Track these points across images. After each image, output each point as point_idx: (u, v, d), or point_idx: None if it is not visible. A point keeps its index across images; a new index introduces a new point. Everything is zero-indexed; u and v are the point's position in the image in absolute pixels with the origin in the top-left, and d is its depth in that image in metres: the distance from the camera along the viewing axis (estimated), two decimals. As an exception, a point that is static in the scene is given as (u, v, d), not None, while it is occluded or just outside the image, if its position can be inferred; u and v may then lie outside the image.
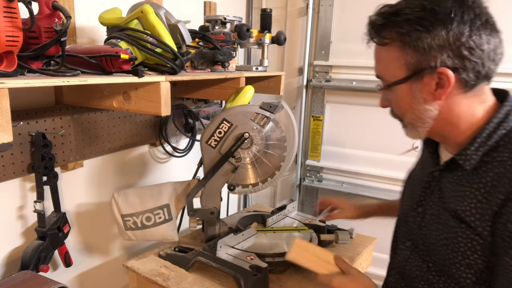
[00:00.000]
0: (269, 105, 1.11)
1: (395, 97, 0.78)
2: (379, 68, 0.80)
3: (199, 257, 1.14)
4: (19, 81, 0.68)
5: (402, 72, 0.74)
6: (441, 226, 0.78)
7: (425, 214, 0.83)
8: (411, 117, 0.78)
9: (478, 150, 0.73)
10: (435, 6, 0.68)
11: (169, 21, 1.08)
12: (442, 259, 0.78)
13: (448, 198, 0.77)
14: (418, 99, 0.75)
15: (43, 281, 0.95)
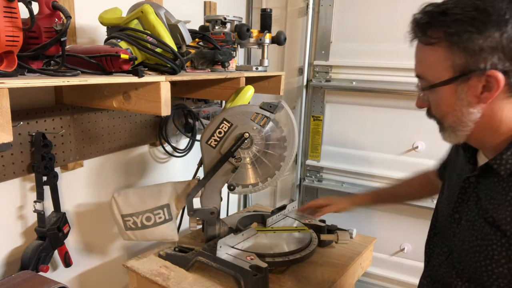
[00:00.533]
0: (269, 105, 1.11)
1: (437, 99, 0.75)
2: (421, 68, 0.76)
3: (199, 257, 1.14)
4: (19, 81, 0.68)
5: (448, 73, 0.71)
6: (475, 233, 0.76)
7: (461, 220, 0.81)
8: (452, 120, 0.75)
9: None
10: (488, 6, 0.66)
11: (169, 21, 1.08)
12: (474, 267, 0.76)
13: (484, 205, 0.75)
14: (462, 102, 0.72)
15: (43, 281, 0.95)
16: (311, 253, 1.22)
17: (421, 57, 0.76)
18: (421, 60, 0.76)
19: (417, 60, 0.77)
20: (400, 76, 1.71)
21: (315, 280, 1.16)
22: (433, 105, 0.77)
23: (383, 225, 1.89)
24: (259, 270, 1.06)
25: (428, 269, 0.91)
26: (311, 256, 1.22)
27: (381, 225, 1.90)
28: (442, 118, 0.77)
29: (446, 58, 0.70)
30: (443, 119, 0.77)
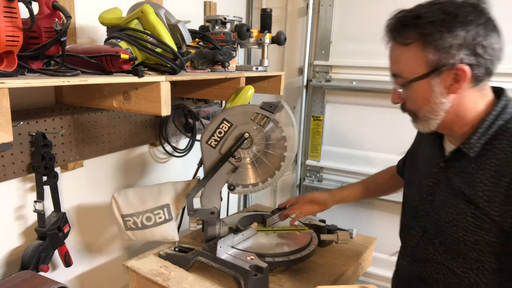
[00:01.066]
0: (269, 105, 1.11)
1: (414, 93, 0.85)
2: (398, 67, 0.86)
3: (199, 257, 1.14)
4: (19, 81, 0.68)
5: (423, 69, 0.81)
6: (450, 210, 0.88)
7: (434, 201, 0.93)
8: (427, 110, 0.85)
9: (480, 139, 0.83)
10: (455, 10, 0.77)
11: (169, 21, 1.08)
12: (450, 238, 0.88)
13: (456, 184, 0.87)
14: (435, 93, 0.83)
15: (43, 281, 0.95)
16: (311, 253, 1.22)
17: (397, 57, 0.85)
18: (397, 60, 0.85)
19: (393, 60, 0.87)
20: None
21: (315, 280, 1.16)
22: (409, 99, 0.87)
23: (383, 225, 1.89)
24: (259, 270, 1.06)
25: (406, 251, 1.02)
26: (311, 256, 1.22)
27: (381, 225, 1.90)
28: (418, 110, 0.87)
29: (421, 56, 0.81)
30: (418, 110, 0.87)
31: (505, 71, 1.49)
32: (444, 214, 0.89)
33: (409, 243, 1.01)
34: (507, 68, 1.49)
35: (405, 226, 1.04)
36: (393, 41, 0.85)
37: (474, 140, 0.84)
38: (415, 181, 1.02)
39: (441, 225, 0.90)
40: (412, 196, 1.02)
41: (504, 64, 0.85)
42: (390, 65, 0.88)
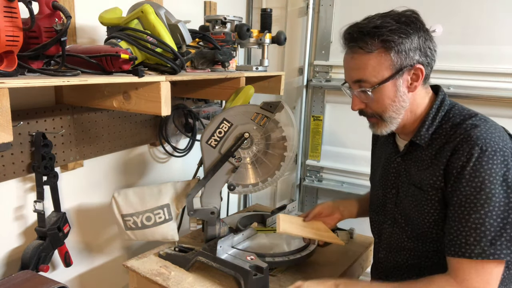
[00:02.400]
0: (269, 105, 1.11)
1: (381, 95, 0.93)
2: (363, 73, 0.92)
3: (199, 257, 1.14)
4: (19, 81, 0.68)
5: (388, 71, 0.91)
6: (411, 199, 1.00)
7: (398, 193, 1.05)
8: (392, 111, 0.95)
9: (428, 130, 0.96)
10: (405, 20, 0.91)
11: (169, 21, 1.08)
12: (416, 224, 1.00)
13: (413, 174, 1.00)
14: (400, 93, 0.93)
15: (43, 280, 0.95)
16: (311, 253, 1.22)
17: (362, 64, 0.92)
18: (362, 66, 0.92)
19: (356, 68, 0.93)
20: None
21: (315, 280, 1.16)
22: (375, 102, 0.95)
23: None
24: (259, 270, 1.06)
25: (382, 244, 1.12)
26: (311, 256, 1.22)
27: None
28: (384, 111, 0.95)
29: (385, 60, 0.90)
30: (384, 111, 0.95)
31: (505, 71, 1.50)
32: (408, 203, 1.01)
33: (383, 237, 1.11)
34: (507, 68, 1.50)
35: (376, 222, 1.15)
36: (357, 50, 0.92)
37: (423, 132, 0.96)
38: (377, 179, 1.13)
39: (408, 213, 1.01)
40: (377, 194, 1.13)
41: (504, 64, 0.87)
42: (351, 73, 0.95)
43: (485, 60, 1.54)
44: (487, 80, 1.53)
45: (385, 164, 1.10)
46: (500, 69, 1.51)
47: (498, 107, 1.53)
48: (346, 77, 0.99)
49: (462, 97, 1.56)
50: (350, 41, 0.94)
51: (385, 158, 1.12)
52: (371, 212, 1.18)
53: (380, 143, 1.18)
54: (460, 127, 0.92)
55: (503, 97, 1.51)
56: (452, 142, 0.90)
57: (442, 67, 1.59)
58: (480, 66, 1.55)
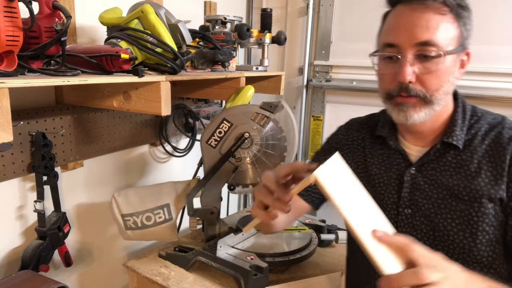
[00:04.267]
0: (269, 105, 1.11)
1: (442, 67, 0.75)
2: (433, 35, 0.74)
3: (199, 257, 1.14)
4: (20, 81, 0.68)
5: (455, 43, 0.76)
6: (451, 215, 0.79)
7: (417, 213, 0.84)
8: (443, 92, 0.77)
9: (462, 129, 0.81)
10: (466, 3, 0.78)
11: (170, 21, 1.08)
12: (459, 244, 0.79)
13: (450, 186, 0.80)
14: (454, 73, 0.78)
15: (43, 280, 0.95)
16: (311, 253, 1.22)
17: (433, 24, 0.74)
18: (433, 26, 0.74)
19: (425, 26, 0.74)
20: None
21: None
22: (433, 75, 0.75)
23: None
24: (259, 270, 1.06)
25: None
26: (311, 256, 1.22)
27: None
28: (437, 89, 0.76)
29: (455, 29, 0.76)
30: (437, 90, 0.76)
31: (505, 71, 1.50)
32: (444, 221, 0.81)
33: None
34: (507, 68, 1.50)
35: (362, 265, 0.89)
36: (428, 5, 0.74)
37: (458, 131, 0.81)
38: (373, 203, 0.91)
39: (446, 234, 0.81)
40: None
41: (504, 64, 0.85)
42: (415, 31, 0.74)
43: (485, 60, 1.54)
44: (487, 80, 1.53)
45: (388, 180, 0.89)
46: (500, 69, 1.51)
47: (498, 107, 1.53)
48: (400, 38, 0.76)
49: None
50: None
51: (385, 172, 0.90)
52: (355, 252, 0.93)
53: (361, 155, 0.94)
54: (502, 126, 0.80)
55: (503, 97, 1.50)
56: (505, 143, 0.78)
57: (442, 67, 1.58)
58: (480, 66, 1.55)
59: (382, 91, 0.82)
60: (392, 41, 0.77)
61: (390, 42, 0.77)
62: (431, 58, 0.74)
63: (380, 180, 0.89)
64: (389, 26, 0.79)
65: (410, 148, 0.87)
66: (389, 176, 0.88)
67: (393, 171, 0.88)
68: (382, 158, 0.90)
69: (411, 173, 0.85)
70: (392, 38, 0.77)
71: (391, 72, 0.78)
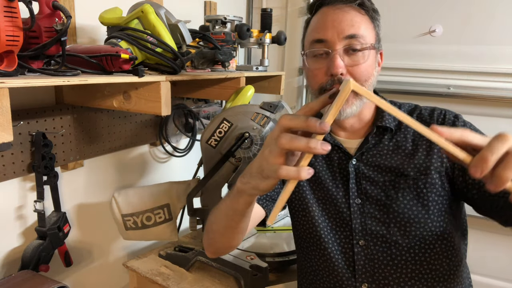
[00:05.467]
0: (269, 105, 1.11)
1: (368, 61, 0.81)
2: (357, 29, 0.80)
3: (199, 256, 1.14)
4: (20, 81, 0.68)
5: (374, 39, 0.84)
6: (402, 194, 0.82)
7: (366, 201, 0.85)
8: (371, 83, 0.84)
9: (389, 114, 0.85)
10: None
11: (170, 21, 1.08)
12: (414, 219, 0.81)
13: (394, 167, 0.84)
14: (376, 68, 0.86)
15: (43, 280, 0.95)
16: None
17: (356, 21, 0.81)
18: (357, 23, 0.81)
19: (350, 23, 0.81)
20: (399, 76, 1.71)
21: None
22: (360, 68, 0.81)
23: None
24: (259, 270, 1.06)
25: (359, 275, 0.85)
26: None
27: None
28: (365, 81, 0.82)
29: (372, 29, 0.84)
30: (365, 82, 0.82)
31: (505, 71, 1.50)
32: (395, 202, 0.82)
33: (359, 265, 0.85)
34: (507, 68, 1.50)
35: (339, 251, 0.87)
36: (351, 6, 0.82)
37: (387, 115, 0.87)
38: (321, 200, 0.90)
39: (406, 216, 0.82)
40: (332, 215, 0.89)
41: (504, 64, 0.86)
42: (342, 27, 0.80)
43: (485, 60, 1.54)
44: (487, 80, 1.54)
45: (333, 175, 0.90)
46: (500, 69, 1.51)
47: (498, 107, 1.53)
48: (329, 33, 0.80)
49: (462, 97, 1.56)
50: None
51: (328, 168, 0.91)
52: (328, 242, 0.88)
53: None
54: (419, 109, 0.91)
55: (503, 97, 1.51)
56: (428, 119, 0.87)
57: (442, 67, 1.59)
58: (480, 66, 1.55)
59: (315, 87, 0.84)
60: (321, 37, 0.81)
61: (319, 38, 0.82)
62: (358, 51, 0.80)
63: (326, 176, 0.91)
64: (315, 25, 0.84)
65: (345, 142, 0.91)
66: (333, 171, 0.90)
67: (336, 165, 0.90)
68: (323, 156, 0.92)
69: (353, 164, 0.88)
70: (321, 34, 0.81)
71: (322, 66, 0.82)
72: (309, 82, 0.88)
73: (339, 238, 0.88)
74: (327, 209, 0.90)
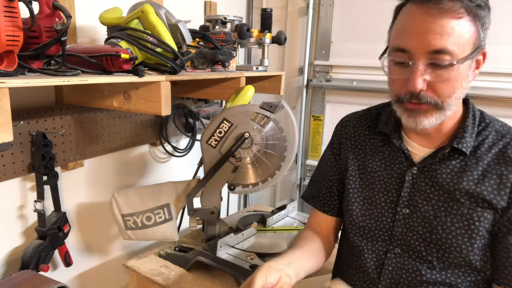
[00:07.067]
0: (269, 105, 1.11)
1: (455, 75, 0.71)
2: (445, 41, 0.69)
3: (199, 256, 1.14)
4: (20, 81, 0.68)
5: (470, 46, 0.71)
6: (451, 218, 0.79)
7: (414, 213, 0.83)
8: (456, 97, 0.74)
9: (471, 136, 0.80)
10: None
11: (170, 21, 1.08)
12: (453, 250, 0.78)
13: (452, 189, 0.79)
14: (468, 78, 0.75)
15: (43, 280, 0.95)
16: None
17: (447, 30, 0.69)
18: (448, 32, 0.69)
19: (439, 32, 0.69)
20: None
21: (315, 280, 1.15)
22: (445, 83, 0.72)
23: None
24: (259, 270, 1.06)
25: (384, 278, 0.85)
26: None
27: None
28: (449, 96, 0.73)
29: (471, 31, 0.70)
30: (449, 97, 0.73)
31: (505, 71, 1.50)
32: (442, 224, 0.79)
33: (386, 270, 0.86)
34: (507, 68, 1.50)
35: (374, 252, 0.88)
36: (444, 6, 0.68)
37: (467, 137, 0.79)
38: (371, 197, 0.89)
39: (438, 239, 0.80)
40: (376, 216, 0.88)
41: (504, 64, 0.84)
42: (427, 38, 0.69)
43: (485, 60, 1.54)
44: (487, 80, 1.53)
45: (388, 178, 0.87)
46: (500, 69, 1.51)
47: (498, 107, 1.53)
48: (411, 43, 0.71)
49: (462, 97, 1.56)
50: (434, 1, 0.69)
51: (385, 170, 0.88)
52: (362, 240, 0.90)
53: (361, 151, 0.92)
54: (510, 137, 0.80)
55: (503, 97, 1.51)
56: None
57: (442, 67, 1.58)
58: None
59: (392, 94, 0.79)
60: (404, 46, 0.73)
61: (401, 47, 0.73)
62: (444, 67, 0.71)
63: (380, 178, 0.88)
64: (400, 29, 0.75)
65: (414, 147, 0.85)
66: (390, 174, 0.86)
67: (394, 169, 0.86)
68: (383, 156, 0.88)
69: (413, 173, 0.84)
70: (404, 43, 0.72)
71: (402, 77, 0.75)
72: (388, 86, 0.82)
73: (376, 241, 0.88)
74: (371, 210, 0.88)
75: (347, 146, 0.96)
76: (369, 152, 0.91)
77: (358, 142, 0.94)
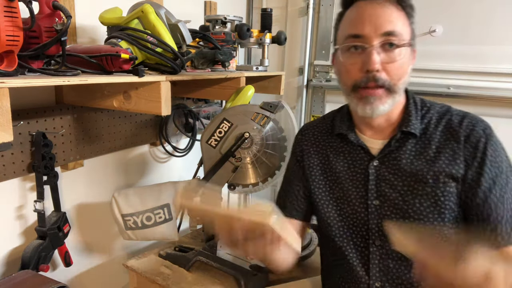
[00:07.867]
0: (270, 105, 1.11)
1: (403, 57, 0.80)
2: (394, 25, 0.79)
3: (199, 256, 1.14)
4: (20, 81, 0.68)
5: (409, 36, 0.82)
6: (419, 199, 0.83)
7: (384, 203, 0.86)
8: (404, 82, 0.83)
9: (416, 119, 0.86)
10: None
11: (170, 21, 1.08)
12: (429, 226, 0.82)
13: (414, 172, 0.84)
14: (410, 65, 0.84)
15: (43, 280, 0.95)
16: (311, 253, 1.22)
17: (394, 17, 0.80)
18: (395, 19, 0.80)
19: (388, 19, 0.80)
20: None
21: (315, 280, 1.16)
22: (396, 64, 0.80)
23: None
24: (259, 269, 1.06)
25: (373, 273, 0.87)
26: (311, 256, 1.23)
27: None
28: (400, 78, 0.81)
29: (408, 25, 0.82)
30: (400, 79, 0.81)
31: (505, 71, 1.50)
32: (414, 207, 0.83)
33: (373, 263, 0.87)
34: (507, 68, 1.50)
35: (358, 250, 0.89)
36: (383, 2, 0.80)
37: (413, 120, 0.86)
38: (341, 196, 0.91)
39: (417, 218, 0.83)
40: (350, 213, 0.89)
41: (504, 64, 0.85)
42: (380, 22, 0.79)
43: (485, 60, 1.54)
44: (487, 80, 1.53)
45: (354, 175, 0.90)
46: (500, 69, 1.51)
47: (498, 107, 1.53)
48: (366, 28, 0.79)
49: (462, 97, 1.56)
50: None
51: (349, 168, 0.91)
52: (343, 240, 0.91)
53: (324, 155, 0.95)
54: (450, 114, 0.87)
55: (503, 97, 1.51)
56: (457, 127, 0.84)
57: (442, 67, 1.59)
58: (480, 66, 1.55)
59: (348, 83, 0.84)
60: (358, 32, 0.80)
61: (355, 33, 0.80)
62: (395, 48, 0.79)
63: (346, 176, 0.91)
64: (351, 20, 0.83)
65: (370, 142, 0.90)
66: (354, 171, 0.90)
67: (357, 165, 0.90)
68: (345, 155, 0.92)
69: (374, 166, 0.88)
70: (358, 29, 0.80)
71: (357, 62, 0.81)
72: (341, 78, 0.86)
73: (356, 237, 0.90)
74: (344, 209, 0.91)
75: (310, 152, 0.98)
76: (331, 155, 0.95)
77: (319, 147, 0.97)
